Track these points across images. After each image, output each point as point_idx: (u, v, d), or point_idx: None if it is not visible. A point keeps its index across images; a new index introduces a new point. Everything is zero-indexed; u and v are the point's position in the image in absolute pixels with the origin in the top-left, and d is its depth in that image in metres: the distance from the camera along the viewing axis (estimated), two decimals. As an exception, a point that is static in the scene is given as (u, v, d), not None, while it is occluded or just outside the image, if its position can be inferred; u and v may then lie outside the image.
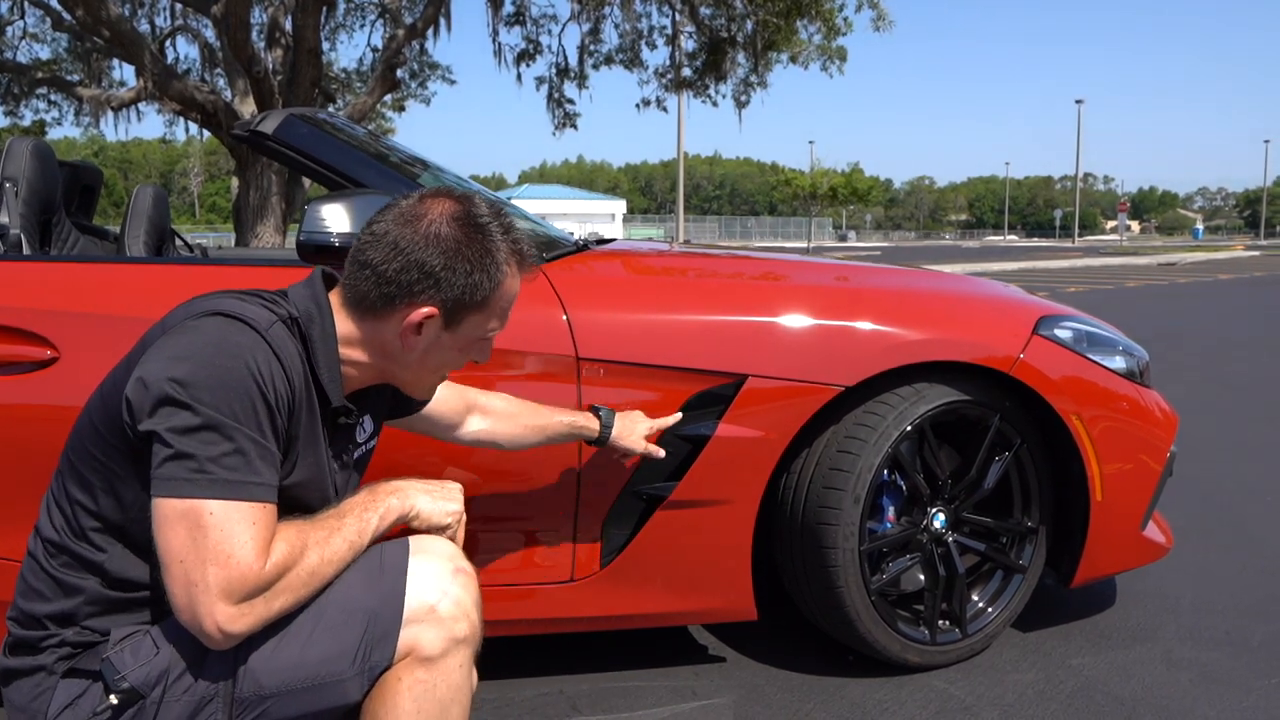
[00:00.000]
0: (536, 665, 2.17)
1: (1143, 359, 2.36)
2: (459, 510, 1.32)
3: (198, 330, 1.13)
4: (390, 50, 12.68)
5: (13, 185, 2.25)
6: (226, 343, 1.11)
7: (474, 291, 1.23)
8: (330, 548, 1.16)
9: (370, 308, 1.24)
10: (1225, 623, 2.42)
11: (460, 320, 1.26)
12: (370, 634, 1.16)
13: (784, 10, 12.91)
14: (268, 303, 1.21)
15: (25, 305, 1.79)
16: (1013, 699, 2.03)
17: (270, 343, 1.14)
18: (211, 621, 1.07)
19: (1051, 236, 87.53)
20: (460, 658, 1.19)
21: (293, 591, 1.12)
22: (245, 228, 11.22)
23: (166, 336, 1.14)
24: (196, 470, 1.07)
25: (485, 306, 1.26)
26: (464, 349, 1.30)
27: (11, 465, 1.78)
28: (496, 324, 1.30)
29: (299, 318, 1.22)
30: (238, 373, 1.10)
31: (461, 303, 1.24)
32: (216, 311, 1.15)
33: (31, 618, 1.19)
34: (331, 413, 1.27)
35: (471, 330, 1.27)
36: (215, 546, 1.06)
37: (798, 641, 2.30)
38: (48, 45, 16.39)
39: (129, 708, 1.13)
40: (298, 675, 1.14)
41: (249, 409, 1.10)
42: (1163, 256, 29.08)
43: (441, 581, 1.20)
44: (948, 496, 2.15)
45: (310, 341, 1.22)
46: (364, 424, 1.41)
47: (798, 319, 1.99)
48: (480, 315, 1.26)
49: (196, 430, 1.07)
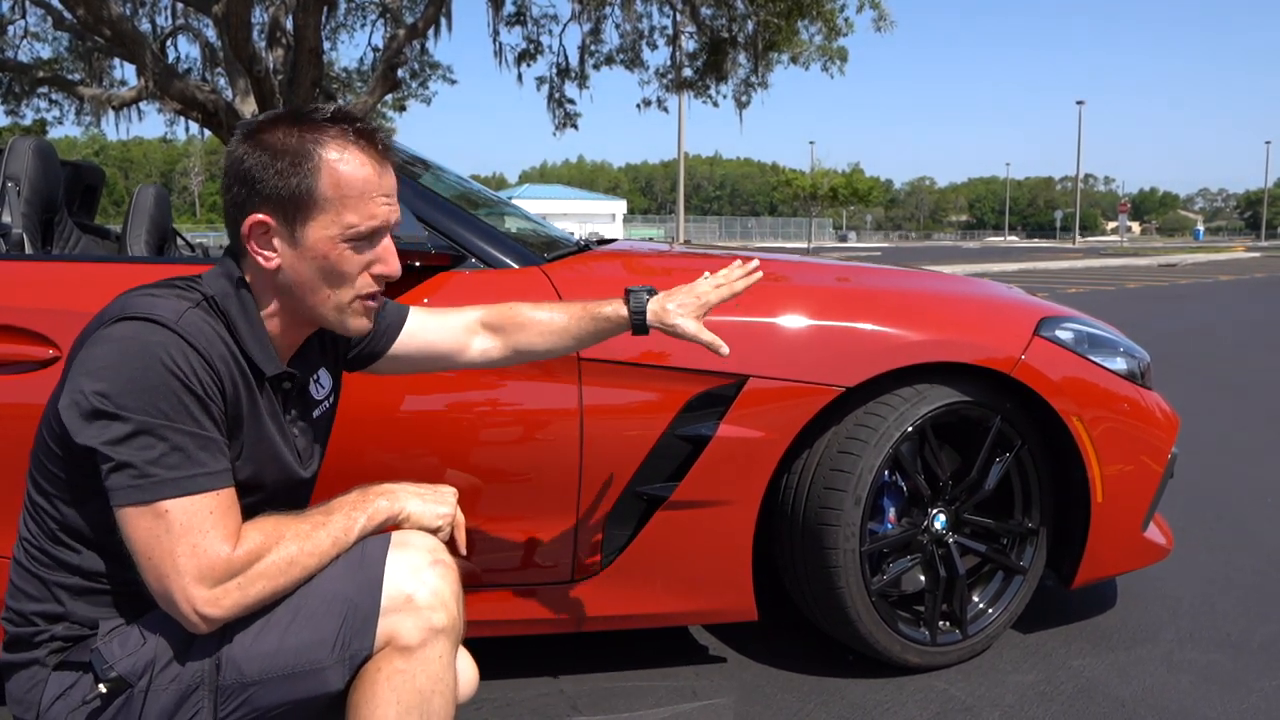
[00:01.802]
0: (537, 665, 2.18)
1: (1144, 360, 2.36)
2: (450, 514, 1.31)
3: (110, 338, 1.12)
4: (391, 50, 12.68)
5: (15, 185, 2.26)
6: (138, 345, 1.11)
7: (288, 182, 1.17)
8: (312, 540, 1.18)
9: (234, 247, 1.23)
10: (1226, 624, 2.42)
11: (300, 220, 1.19)
12: (349, 623, 1.17)
13: (785, 11, 12.91)
14: (180, 290, 1.20)
15: (28, 305, 1.79)
16: (1013, 700, 2.03)
17: (181, 334, 1.13)
18: (188, 606, 1.10)
19: (1052, 237, 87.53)
20: (440, 648, 1.20)
21: (270, 579, 1.14)
22: (246, 227, 11.20)
23: (85, 349, 1.14)
24: (141, 475, 1.09)
25: (315, 198, 1.18)
26: (336, 255, 1.20)
27: (14, 464, 1.78)
28: (357, 218, 1.19)
29: (215, 296, 1.21)
30: (155, 372, 1.10)
31: (283, 199, 1.18)
32: (124, 316, 1.14)
33: (23, 616, 1.21)
34: (272, 381, 1.26)
35: (324, 230, 1.19)
36: (180, 538, 1.09)
37: (798, 642, 2.31)
38: (49, 44, 16.39)
39: (117, 696, 1.16)
40: (278, 663, 1.16)
41: (176, 404, 1.11)
42: (1163, 258, 29.08)
43: (419, 571, 1.20)
44: (948, 497, 2.16)
45: (229, 316, 1.21)
46: (320, 381, 1.40)
47: (799, 320, 1.99)
48: (319, 210, 1.18)
49: (130, 438, 1.09)
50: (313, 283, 1.23)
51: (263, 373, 1.24)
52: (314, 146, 1.18)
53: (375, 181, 1.21)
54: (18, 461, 1.77)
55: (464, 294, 1.91)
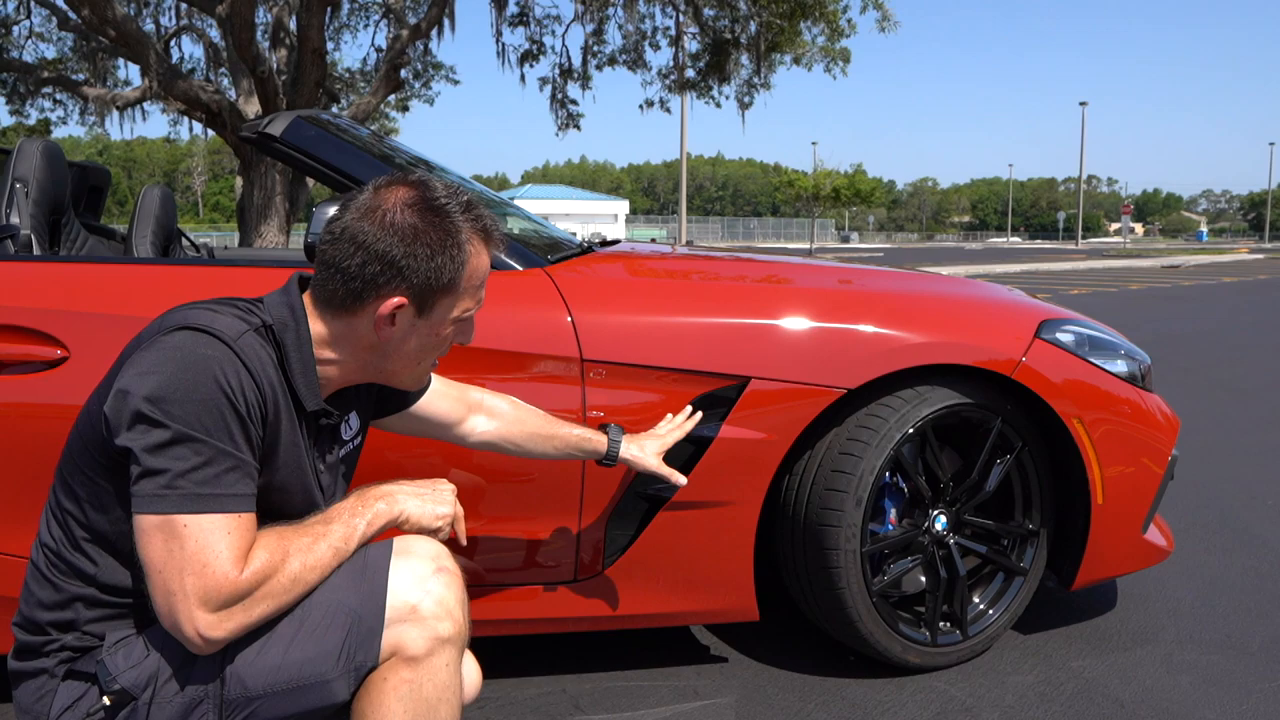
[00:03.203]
0: (540, 665, 2.19)
1: (1144, 362, 2.36)
2: (449, 513, 1.31)
3: (167, 345, 1.14)
4: (394, 50, 12.70)
5: (23, 186, 2.27)
6: (195, 356, 1.12)
7: (439, 275, 1.23)
8: (314, 554, 1.17)
9: (341, 305, 1.25)
10: (1226, 625, 2.42)
11: (432, 305, 1.25)
12: (354, 635, 1.17)
13: (788, 12, 12.92)
14: (241, 312, 1.22)
15: (36, 305, 1.81)
16: (1013, 700, 2.04)
17: (239, 353, 1.15)
18: (191, 628, 1.09)
19: (1055, 239, 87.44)
20: (446, 657, 1.20)
21: (274, 598, 1.13)
22: (249, 228, 11.24)
23: (139, 352, 1.15)
24: (168, 486, 1.09)
25: (454, 288, 1.25)
26: (442, 333, 1.29)
27: (23, 463, 1.79)
28: (471, 303, 1.29)
29: (273, 325, 1.23)
30: (207, 386, 1.11)
31: (429, 288, 1.23)
32: (185, 325, 1.15)
33: (34, 624, 1.22)
34: (310, 416, 1.28)
35: (446, 313, 1.27)
36: (191, 557, 1.08)
37: (799, 642, 2.31)
38: (53, 44, 16.44)
39: (121, 709, 1.15)
40: (282, 676, 1.15)
41: (219, 421, 1.11)
42: (1166, 259, 29.04)
43: (424, 581, 1.20)
44: (949, 499, 2.16)
45: (284, 348, 1.23)
46: (349, 422, 1.42)
47: (800, 321, 2.00)
48: (451, 297, 1.26)
49: (168, 446, 1.09)
50: (412, 354, 1.30)
51: (304, 407, 1.25)
52: (459, 240, 1.24)
53: (487, 271, 1.30)
54: (27, 461, 1.79)
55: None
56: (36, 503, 1.77)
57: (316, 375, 1.26)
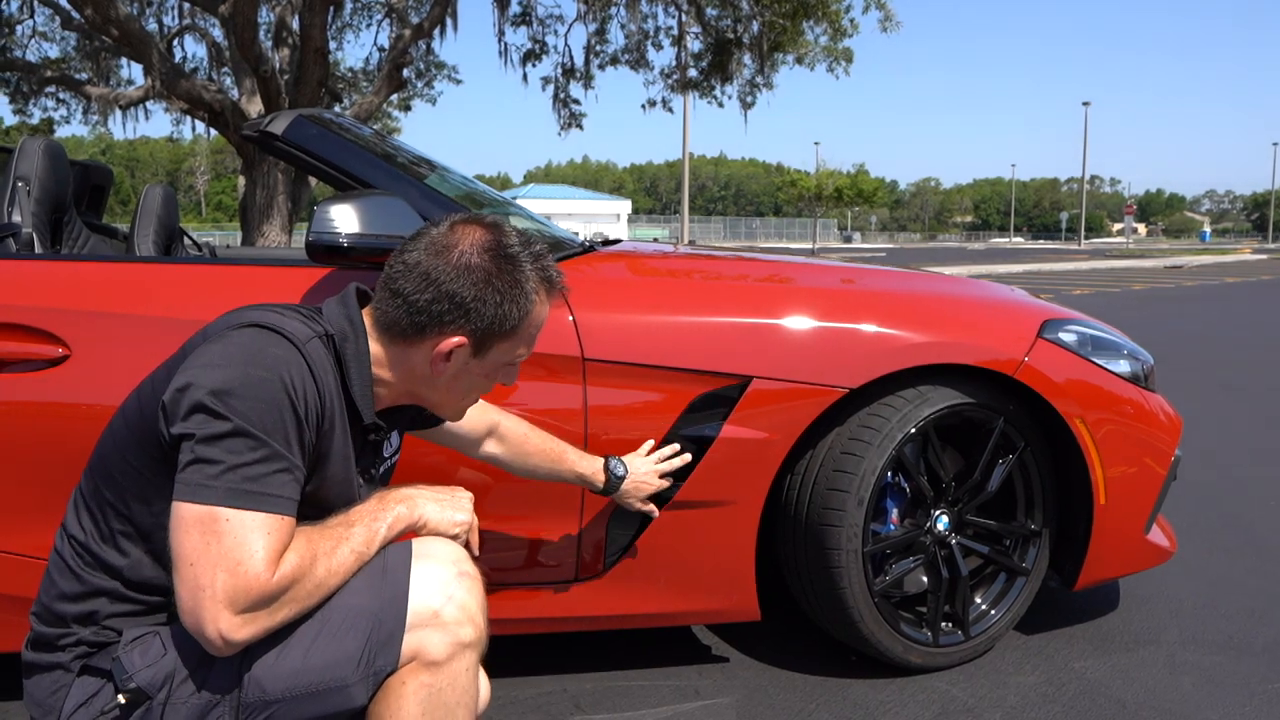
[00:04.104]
0: (540, 664, 2.19)
1: (1147, 362, 2.36)
2: (467, 520, 1.32)
3: (236, 340, 1.15)
4: (396, 50, 12.70)
5: (25, 185, 2.27)
6: (264, 354, 1.13)
7: (503, 322, 1.27)
8: (336, 558, 1.17)
9: (401, 334, 1.27)
10: (1229, 626, 2.42)
11: (489, 348, 1.29)
12: (374, 639, 1.16)
13: (790, 11, 12.92)
14: (306, 318, 1.24)
15: (38, 304, 1.81)
16: (1015, 701, 2.04)
17: (307, 357, 1.17)
18: (214, 628, 1.07)
19: (1057, 239, 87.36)
20: (466, 662, 1.19)
21: (298, 603, 1.13)
22: (251, 227, 11.25)
23: (206, 344, 1.16)
24: (217, 477, 1.08)
25: (514, 334, 1.29)
26: (491, 374, 1.34)
27: (25, 461, 1.79)
28: (524, 350, 1.33)
29: (334, 335, 1.25)
30: (272, 385, 1.12)
31: (491, 332, 1.27)
32: (256, 324, 1.17)
33: (54, 614, 1.21)
34: (362, 429, 1.29)
35: (500, 357, 1.31)
36: (227, 553, 1.07)
37: (801, 642, 2.31)
38: (56, 44, 16.45)
39: (136, 708, 1.14)
40: (302, 681, 1.15)
41: (279, 421, 1.12)
42: (1169, 259, 29.02)
43: (445, 586, 1.19)
44: (951, 499, 2.16)
45: (344, 359, 1.25)
46: (391, 439, 1.45)
47: (802, 321, 2.00)
48: (509, 343, 1.30)
49: (224, 437, 1.09)
50: (460, 390, 1.33)
51: (359, 419, 1.27)
52: (526, 289, 1.28)
53: (544, 321, 1.34)
54: (28, 459, 1.79)
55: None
56: (38, 501, 1.77)
57: (372, 390, 1.29)
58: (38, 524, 1.75)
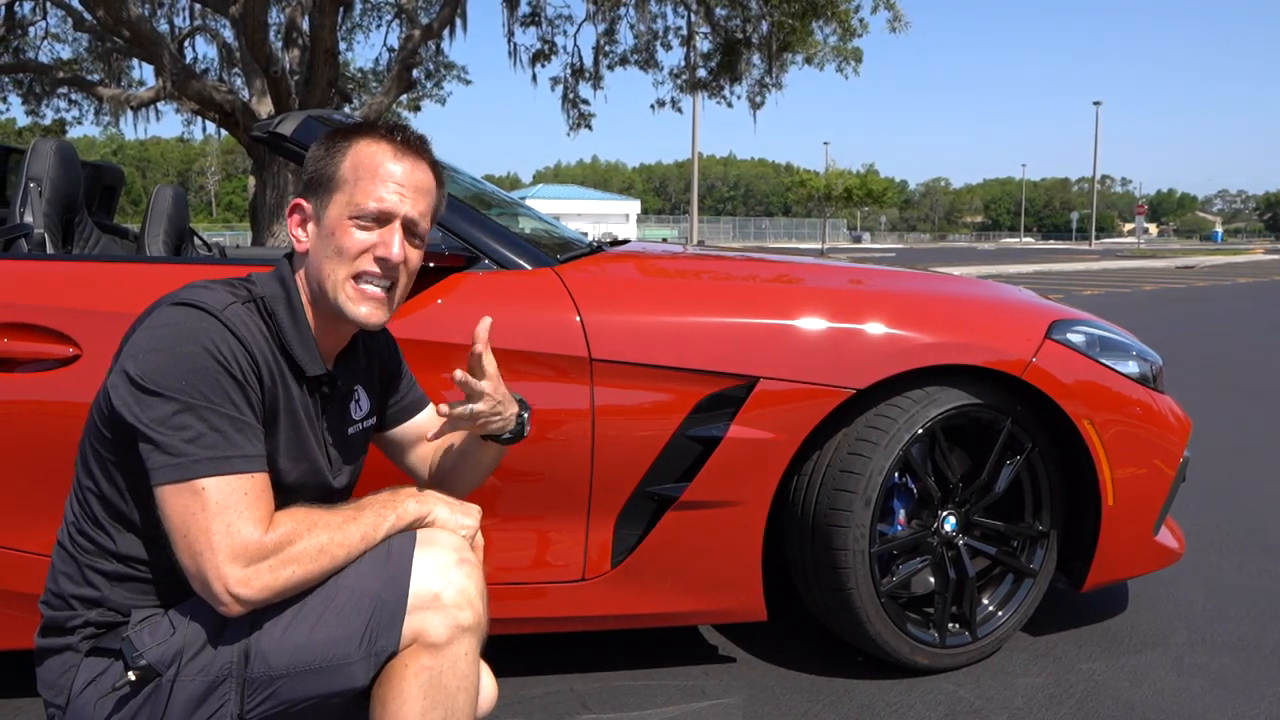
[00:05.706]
0: (547, 664, 2.19)
1: (1156, 364, 2.35)
2: (474, 526, 1.35)
3: (158, 323, 1.20)
4: (406, 50, 12.73)
5: (38, 185, 2.29)
6: (185, 328, 1.18)
7: (323, 167, 1.29)
8: (343, 533, 1.21)
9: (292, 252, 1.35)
10: (1238, 628, 2.41)
11: (327, 201, 1.29)
12: (376, 619, 1.20)
13: (799, 11, 12.88)
14: (230, 288, 1.28)
15: (49, 304, 1.82)
16: (1022, 702, 2.03)
17: (226, 323, 1.21)
18: (221, 584, 1.13)
19: (1068, 239, 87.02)
20: (466, 645, 1.22)
21: (300, 564, 1.17)
22: (262, 227, 11.29)
23: (137, 333, 1.21)
24: (178, 454, 1.14)
25: (341, 181, 1.28)
26: (347, 232, 1.27)
27: (36, 460, 1.81)
28: (364, 198, 1.26)
29: (265, 297, 1.29)
30: (199, 356, 1.16)
31: (316, 183, 1.30)
32: (175, 302, 1.22)
33: (60, 597, 1.25)
34: (313, 383, 1.32)
35: (342, 209, 1.28)
36: (214, 517, 1.13)
37: (807, 642, 2.31)
38: (69, 45, 16.54)
39: (146, 684, 1.19)
40: (305, 657, 1.19)
41: (216, 387, 1.16)
42: (1181, 260, 28.87)
43: (446, 570, 1.23)
44: (959, 500, 2.16)
45: (276, 318, 1.29)
46: (359, 402, 1.46)
47: (810, 321, 2.00)
48: (342, 193, 1.28)
49: (170, 417, 1.14)
50: (321, 260, 1.31)
51: (303, 372, 1.30)
52: (350, 139, 1.30)
53: (389, 169, 1.29)
54: (40, 458, 1.80)
55: (477, 295, 1.92)
56: (49, 499, 1.79)
57: (315, 342, 1.32)
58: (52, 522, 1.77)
